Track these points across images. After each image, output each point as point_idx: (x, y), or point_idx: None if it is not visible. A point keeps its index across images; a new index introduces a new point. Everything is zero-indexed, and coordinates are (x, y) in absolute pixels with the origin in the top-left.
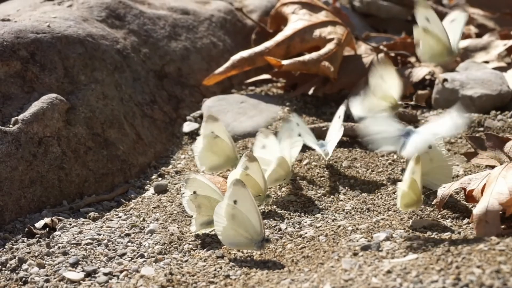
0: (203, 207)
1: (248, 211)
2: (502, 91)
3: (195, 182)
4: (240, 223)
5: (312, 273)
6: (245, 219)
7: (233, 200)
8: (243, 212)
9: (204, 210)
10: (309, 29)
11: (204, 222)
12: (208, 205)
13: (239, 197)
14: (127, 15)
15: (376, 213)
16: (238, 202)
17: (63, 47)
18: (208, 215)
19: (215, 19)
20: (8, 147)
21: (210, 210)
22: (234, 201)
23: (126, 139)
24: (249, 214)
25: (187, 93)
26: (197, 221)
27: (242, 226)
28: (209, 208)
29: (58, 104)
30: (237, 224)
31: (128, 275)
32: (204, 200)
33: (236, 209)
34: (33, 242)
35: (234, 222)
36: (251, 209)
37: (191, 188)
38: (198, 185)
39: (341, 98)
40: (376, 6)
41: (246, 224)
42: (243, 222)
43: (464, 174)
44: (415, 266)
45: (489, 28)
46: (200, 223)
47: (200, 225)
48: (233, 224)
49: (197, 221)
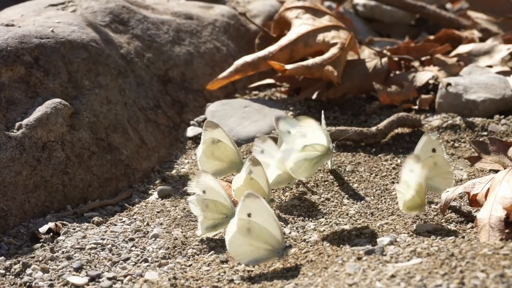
0: (209, 210)
1: (266, 221)
2: (505, 95)
3: (205, 182)
4: (257, 236)
5: (316, 277)
6: (263, 231)
7: (246, 214)
8: (260, 224)
9: (210, 214)
10: (313, 34)
11: (209, 226)
12: (214, 209)
13: (253, 209)
14: (130, 20)
15: (380, 218)
16: (252, 214)
17: (67, 52)
18: (213, 218)
19: (218, 23)
20: (12, 152)
21: (216, 214)
22: (248, 214)
23: (130, 144)
24: (267, 224)
25: (191, 98)
26: (203, 225)
27: (260, 238)
28: (214, 211)
29: (62, 109)
30: (255, 238)
31: (132, 280)
32: (210, 204)
33: (251, 223)
34: (37, 247)
35: (251, 236)
36: (268, 218)
37: (200, 187)
38: (207, 186)
39: (345, 102)
40: (379, 10)
41: (265, 235)
42: (261, 234)
43: (468, 178)
44: (419, 271)
45: (492, 33)
46: (206, 227)
47: (205, 228)
48: (250, 239)
49: (202, 225)
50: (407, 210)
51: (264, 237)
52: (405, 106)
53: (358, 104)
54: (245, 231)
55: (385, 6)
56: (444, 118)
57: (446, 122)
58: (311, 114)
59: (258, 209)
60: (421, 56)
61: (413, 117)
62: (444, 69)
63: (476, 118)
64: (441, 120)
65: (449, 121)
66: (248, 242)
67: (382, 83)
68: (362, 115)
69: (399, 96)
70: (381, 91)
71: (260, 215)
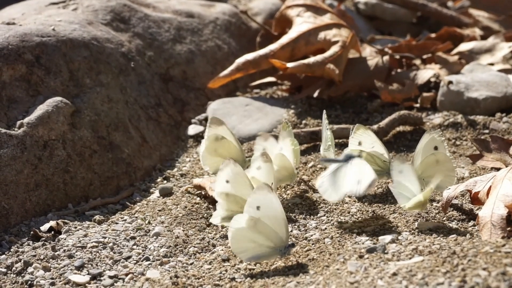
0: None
1: (273, 218)
2: (507, 93)
3: (229, 171)
4: (261, 233)
5: (317, 275)
6: (267, 228)
7: (256, 206)
8: (265, 221)
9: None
10: (314, 32)
11: (226, 217)
12: (234, 200)
13: (263, 202)
14: (132, 18)
15: (381, 216)
16: (261, 207)
17: (68, 51)
18: (231, 210)
19: (220, 22)
20: (13, 150)
21: (234, 205)
22: (257, 207)
23: (131, 142)
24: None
25: (192, 96)
26: (220, 214)
27: (263, 235)
28: (233, 203)
29: (63, 107)
30: (258, 234)
31: (133, 278)
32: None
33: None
34: (39, 245)
35: (255, 232)
36: (276, 215)
37: (224, 176)
38: (231, 175)
39: (346, 100)
40: (381, 8)
41: (268, 233)
42: (265, 231)
43: (470, 176)
44: (421, 269)
45: (494, 31)
46: (222, 217)
47: (222, 218)
48: (253, 235)
49: (219, 214)
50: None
51: (268, 235)
52: (406, 104)
53: (360, 102)
54: (249, 226)
55: (387, 4)
56: (445, 116)
57: (448, 120)
58: (313, 112)
59: (268, 203)
60: (423, 54)
61: (415, 115)
62: (445, 67)
63: (477, 116)
64: (442, 118)
65: (451, 119)
66: (251, 239)
67: (384, 81)
68: (364, 113)
69: (400, 94)
70: (382, 89)
71: (269, 209)
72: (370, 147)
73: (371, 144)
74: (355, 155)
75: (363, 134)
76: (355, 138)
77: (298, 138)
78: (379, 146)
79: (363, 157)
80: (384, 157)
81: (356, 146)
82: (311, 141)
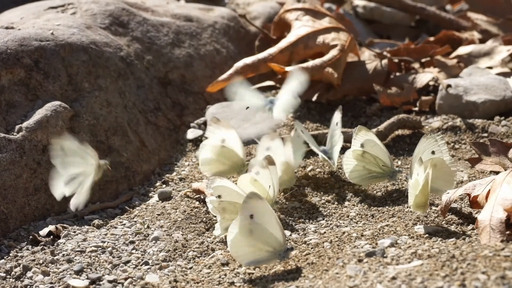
0: (228, 211)
1: (268, 223)
2: (506, 97)
3: (220, 188)
4: (259, 237)
5: (316, 279)
6: (265, 232)
7: (249, 215)
8: (262, 225)
9: (229, 214)
10: (313, 36)
11: (228, 227)
12: (233, 210)
13: (255, 210)
14: (130, 22)
15: (380, 219)
16: (254, 216)
17: (66, 55)
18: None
19: (218, 26)
20: (12, 154)
21: (235, 215)
22: (251, 216)
23: (130, 146)
24: (269, 225)
25: (191, 100)
26: (222, 226)
27: (261, 239)
28: (234, 212)
29: (62, 111)
30: (256, 239)
31: (132, 283)
32: (229, 206)
33: (253, 224)
34: (38, 250)
35: (253, 237)
36: (270, 220)
37: (216, 193)
38: (224, 190)
39: (345, 104)
40: (379, 12)
41: (266, 237)
42: (263, 236)
43: (469, 180)
44: (420, 272)
45: (492, 34)
46: (225, 228)
47: (224, 229)
48: (252, 240)
49: (221, 226)
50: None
51: (266, 239)
52: (405, 108)
53: (359, 106)
54: (247, 232)
55: (385, 7)
56: (444, 119)
57: (446, 123)
58: (311, 116)
59: (261, 210)
60: (421, 58)
61: (414, 118)
62: (444, 71)
63: (476, 119)
64: (441, 121)
65: (449, 122)
66: (250, 243)
67: (382, 85)
68: (363, 117)
69: (399, 98)
70: (381, 93)
71: (262, 216)
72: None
73: (372, 145)
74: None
75: (365, 135)
76: (357, 140)
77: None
78: (381, 148)
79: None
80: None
81: (359, 147)
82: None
